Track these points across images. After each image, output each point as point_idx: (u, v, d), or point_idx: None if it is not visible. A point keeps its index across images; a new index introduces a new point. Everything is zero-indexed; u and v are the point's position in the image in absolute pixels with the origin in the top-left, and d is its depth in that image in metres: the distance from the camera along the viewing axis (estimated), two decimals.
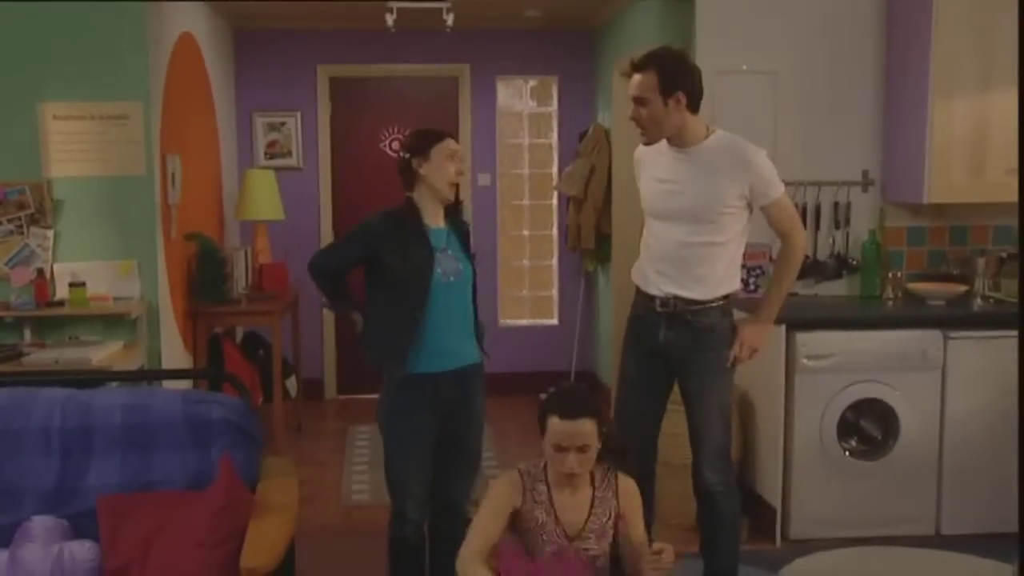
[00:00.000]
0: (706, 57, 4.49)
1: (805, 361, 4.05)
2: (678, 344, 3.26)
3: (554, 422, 2.51)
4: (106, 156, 4.32)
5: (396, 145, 6.84)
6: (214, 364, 5.35)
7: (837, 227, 4.61)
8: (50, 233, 4.31)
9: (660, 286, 3.25)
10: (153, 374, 4.30)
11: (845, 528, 4.07)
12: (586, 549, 2.58)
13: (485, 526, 2.57)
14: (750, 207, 3.24)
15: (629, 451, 3.25)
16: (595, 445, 2.55)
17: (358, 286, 3.21)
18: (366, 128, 6.87)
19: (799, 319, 4.12)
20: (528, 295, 7.29)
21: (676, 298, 3.23)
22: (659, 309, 3.27)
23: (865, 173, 4.61)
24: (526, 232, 7.22)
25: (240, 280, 5.47)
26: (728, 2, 4.50)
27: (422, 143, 3.13)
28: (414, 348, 3.04)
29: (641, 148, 3.42)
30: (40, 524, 2.72)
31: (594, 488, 2.63)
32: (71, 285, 4.22)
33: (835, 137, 4.59)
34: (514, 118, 7.13)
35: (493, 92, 6.96)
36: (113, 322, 4.30)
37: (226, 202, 6.21)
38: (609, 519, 2.61)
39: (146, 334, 4.36)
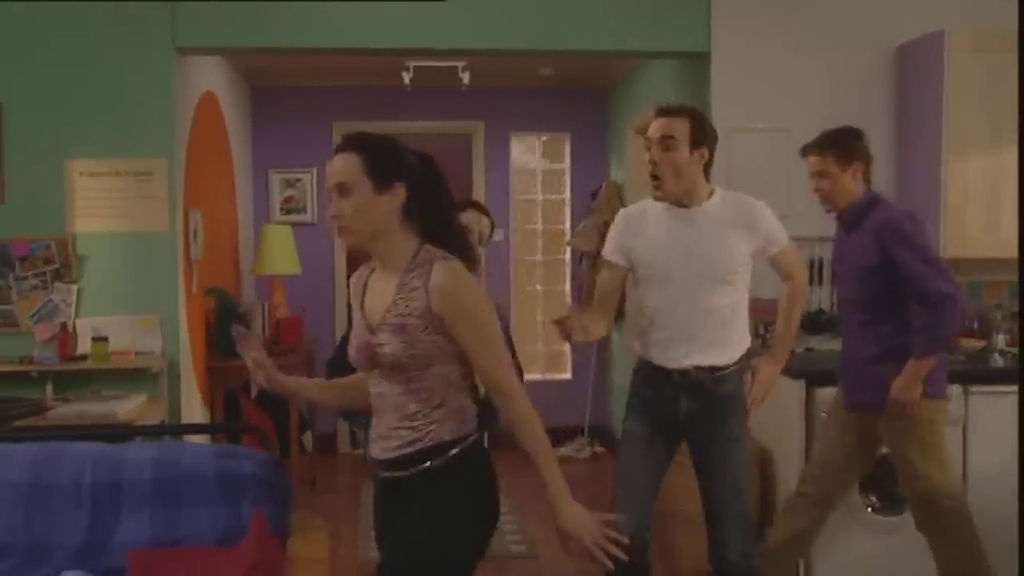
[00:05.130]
0: (721, 115, 4.55)
1: (824, 416, 4.04)
2: (701, 415, 3.17)
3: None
4: (130, 212, 4.37)
5: None
6: (231, 419, 5.35)
7: None
8: (74, 288, 4.34)
9: (678, 360, 3.13)
10: (177, 429, 4.29)
11: None
12: (379, 344, 2.17)
13: None
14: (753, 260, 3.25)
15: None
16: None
17: None
18: None
19: (817, 374, 4.12)
20: (542, 350, 7.31)
21: (697, 368, 3.14)
22: (677, 380, 3.17)
23: None
24: (539, 287, 7.27)
25: (257, 335, 5.49)
26: (742, 61, 4.58)
27: None
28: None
29: (624, 214, 3.30)
30: None
31: (403, 273, 2.19)
32: (94, 340, 4.25)
33: None
34: (527, 174, 7.21)
35: (507, 149, 7.05)
36: (134, 376, 4.31)
37: (243, 257, 6.26)
38: (410, 314, 2.15)
39: (166, 388, 4.37)
